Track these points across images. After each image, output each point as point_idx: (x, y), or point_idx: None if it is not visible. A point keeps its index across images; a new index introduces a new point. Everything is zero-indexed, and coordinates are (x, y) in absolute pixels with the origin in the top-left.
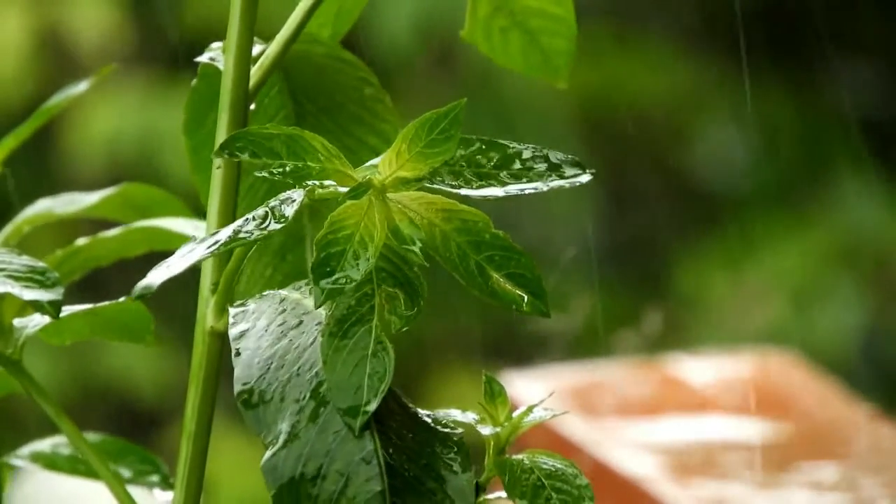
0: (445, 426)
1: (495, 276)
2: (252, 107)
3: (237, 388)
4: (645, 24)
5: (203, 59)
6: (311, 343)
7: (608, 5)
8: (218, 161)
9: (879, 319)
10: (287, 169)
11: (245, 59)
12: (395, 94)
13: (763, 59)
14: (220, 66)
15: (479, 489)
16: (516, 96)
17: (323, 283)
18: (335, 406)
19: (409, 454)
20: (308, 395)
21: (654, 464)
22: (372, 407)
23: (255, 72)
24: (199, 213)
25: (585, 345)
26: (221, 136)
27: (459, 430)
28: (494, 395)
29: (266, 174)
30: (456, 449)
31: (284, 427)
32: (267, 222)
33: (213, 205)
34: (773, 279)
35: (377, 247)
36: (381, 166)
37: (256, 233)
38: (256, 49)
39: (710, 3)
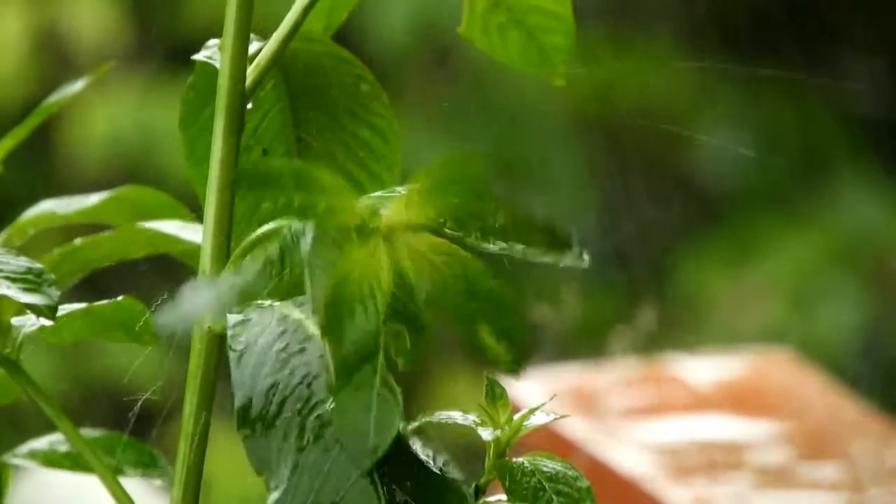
0: (451, 471)
1: (483, 328)
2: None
3: (238, 418)
4: (645, 24)
5: (199, 56)
6: (315, 378)
7: (609, 5)
8: (215, 168)
9: (879, 319)
10: (295, 204)
11: (241, 59)
12: (393, 92)
13: (763, 59)
14: (217, 63)
15: (479, 491)
16: (515, 95)
17: (335, 336)
18: (345, 450)
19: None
20: (312, 438)
21: (654, 464)
22: (379, 452)
23: (252, 71)
24: (198, 208)
25: (585, 344)
26: (218, 136)
27: (459, 476)
28: (496, 397)
29: (272, 206)
30: (458, 494)
31: (286, 470)
32: (284, 263)
33: (210, 210)
34: (773, 279)
35: (385, 294)
36: (391, 209)
37: (272, 273)
38: (253, 47)
39: (711, 2)
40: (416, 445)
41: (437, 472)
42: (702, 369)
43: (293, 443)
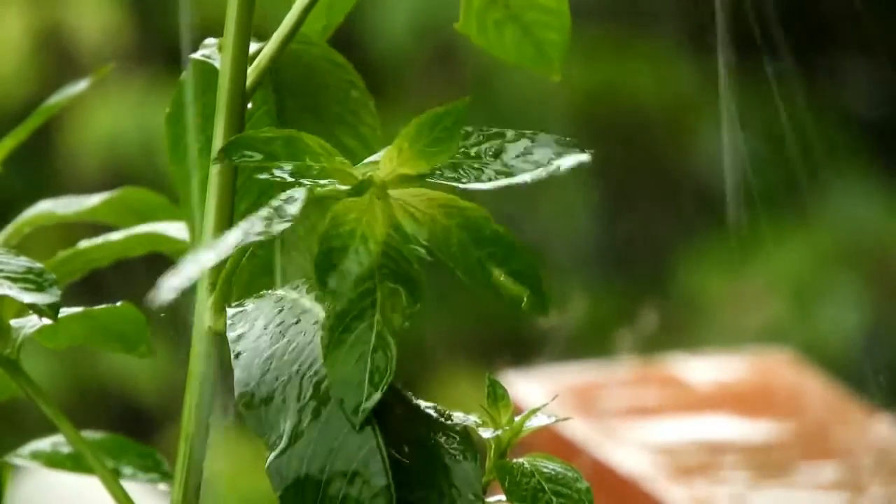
0: (447, 417)
1: (496, 272)
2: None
3: (238, 390)
4: (645, 24)
5: (196, 55)
6: (310, 341)
7: (609, 5)
8: (215, 169)
9: (879, 319)
10: (287, 169)
11: (242, 59)
12: (394, 93)
13: (763, 59)
14: (214, 62)
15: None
16: (516, 95)
17: (325, 277)
18: (337, 400)
19: (411, 447)
20: (309, 393)
21: (655, 464)
22: (373, 401)
23: (252, 71)
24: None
25: (585, 345)
26: (219, 135)
27: (462, 420)
28: (497, 398)
29: (267, 176)
30: (458, 438)
31: (287, 427)
32: (272, 222)
33: (211, 204)
34: (773, 279)
35: (378, 242)
36: (382, 163)
37: (265, 232)
38: (252, 48)
39: (711, 3)
40: (417, 400)
41: (434, 416)
42: (702, 369)
43: (291, 403)
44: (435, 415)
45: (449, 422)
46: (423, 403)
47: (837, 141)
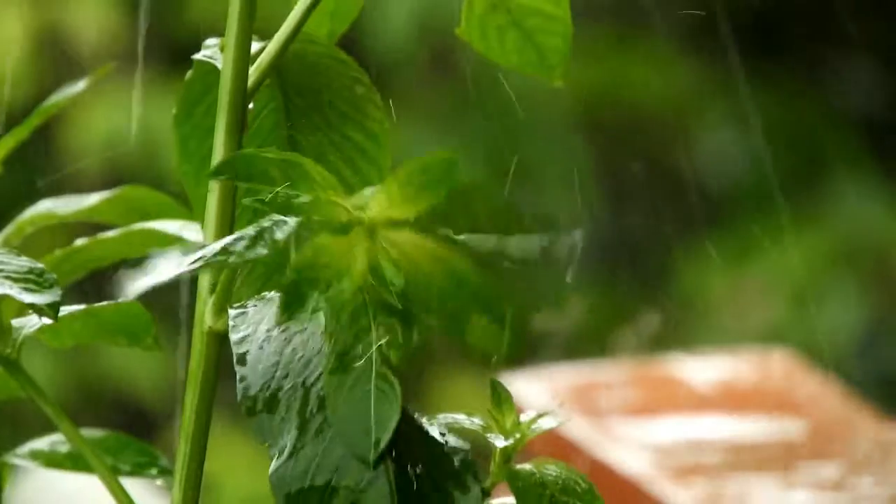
0: (452, 439)
1: (475, 320)
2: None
3: (241, 395)
4: (645, 24)
5: (199, 56)
6: (318, 352)
7: (609, 5)
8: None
9: (879, 319)
10: (277, 198)
11: (244, 59)
12: (394, 94)
13: (763, 59)
14: (216, 63)
15: (484, 494)
16: (516, 96)
17: (290, 305)
18: (344, 447)
19: (417, 471)
20: (315, 409)
21: (654, 463)
22: (383, 443)
23: (254, 71)
24: (187, 204)
25: (585, 345)
26: (220, 135)
27: (466, 446)
28: (501, 401)
29: (253, 203)
30: (464, 465)
31: (290, 438)
32: (256, 245)
33: (212, 209)
34: (773, 279)
35: (354, 282)
36: (372, 204)
37: (247, 254)
38: (254, 48)
39: (710, 3)
40: (421, 419)
41: (441, 441)
42: (702, 369)
43: (296, 414)
44: (441, 438)
45: (454, 445)
46: (427, 423)
47: (837, 141)
